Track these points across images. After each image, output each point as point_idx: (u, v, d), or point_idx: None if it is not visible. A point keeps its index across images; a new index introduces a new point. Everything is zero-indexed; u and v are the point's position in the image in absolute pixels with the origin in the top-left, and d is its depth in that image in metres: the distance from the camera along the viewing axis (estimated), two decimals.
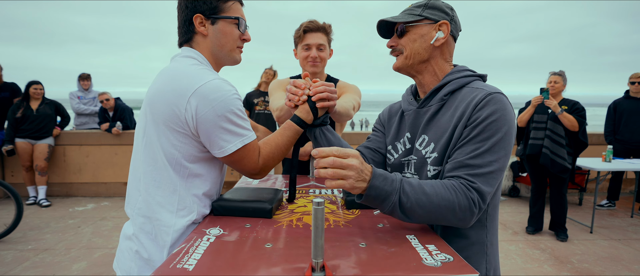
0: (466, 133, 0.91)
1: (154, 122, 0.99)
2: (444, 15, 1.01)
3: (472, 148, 0.89)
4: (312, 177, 1.74)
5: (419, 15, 1.00)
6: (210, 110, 0.94)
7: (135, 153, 1.07)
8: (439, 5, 1.02)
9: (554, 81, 3.48)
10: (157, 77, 1.03)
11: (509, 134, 0.90)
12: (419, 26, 1.00)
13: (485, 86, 0.96)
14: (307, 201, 1.26)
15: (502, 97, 0.92)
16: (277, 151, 1.09)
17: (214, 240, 0.87)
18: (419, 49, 1.01)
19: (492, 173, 0.88)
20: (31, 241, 3.36)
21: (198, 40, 1.08)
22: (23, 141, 4.45)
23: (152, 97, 0.99)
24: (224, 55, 1.10)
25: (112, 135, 4.87)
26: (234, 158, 1.02)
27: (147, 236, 1.01)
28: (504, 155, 0.90)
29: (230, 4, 1.07)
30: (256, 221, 1.02)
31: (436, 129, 0.99)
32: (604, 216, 4.33)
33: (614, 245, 3.42)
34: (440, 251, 0.82)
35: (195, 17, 1.04)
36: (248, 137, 1.02)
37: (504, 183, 5.15)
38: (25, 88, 4.51)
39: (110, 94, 4.92)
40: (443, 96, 1.00)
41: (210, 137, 0.97)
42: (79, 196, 4.99)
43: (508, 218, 4.21)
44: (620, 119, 4.41)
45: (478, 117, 0.90)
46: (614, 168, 3.67)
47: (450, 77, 1.01)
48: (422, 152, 1.02)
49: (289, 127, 1.12)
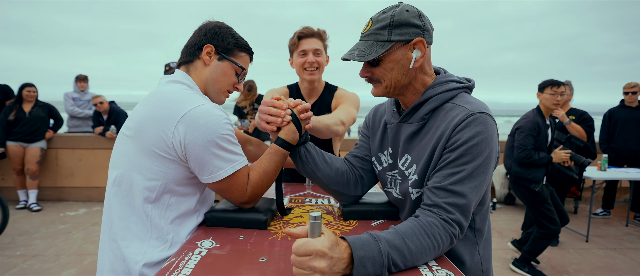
0: (446, 156, 0.87)
1: (138, 148, 0.94)
2: (416, 30, 0.88)
3: (451, 172, 0.85)
4: (308, 185, 1.71)
5: (388, 41, 0.88)
6: (199, 135, 0.91)
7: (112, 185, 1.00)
8: (405, 20, 0.88)
9: None
10: (145, 101, 0.99)
11: (489, 157, 0.86)
12: (392, 52, 0.89)
13: (468, 103, 0.90)
14: (303, 211, 1.23)
15: (484, 118, 0.86)
16: (265, 177, 1.05)
17: (205, 253, 0.84)
18: (398, 75, 0.91)
19: (469, 202, 0.85)
20: (20, 247, 3.28)
21: (197, 66, 1.07)
22: (15, 144, 4.37)
23: (138, 122, 0.96)
24: (213, 91, 1.09)
25: (105, 138, 4.81)
26: (222, 186, 0.98)
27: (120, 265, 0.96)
28: (484, 180, 0.86)
29: (243, 54, 1.12)
30: (250, 233, 0.99)
31: (418, 149, 0.95)
32: (599, 225, 4.33)
33: (610, 254, 3.42)
34: (441, 267, 0.79)
35: (207, 46, 1.06)
36: (239, 162, 0.99)
37: (499, 191, 5.15)
38: (18, 91, 4.44)
39: (104, 97, 4.86)
40: (424, 115, 0.94)
41: (199, 163, 0.94)
42: (70, 200, 4.90)
43: (504, 226, 4.19)
44: (614, 128, 4.44)
45: (458, 140, 0.85)
46: (609, 177, 3.68)
47: (431, 92, 0.94)
48: (405, 172, 0.99)
49: (275, 151, 1.07)
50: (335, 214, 1.20)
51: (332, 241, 0.70)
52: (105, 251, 0.99)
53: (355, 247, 0.72)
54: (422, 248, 0.78)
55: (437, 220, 0.82)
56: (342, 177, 1.11)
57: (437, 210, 0.84)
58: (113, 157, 1.03)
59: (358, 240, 0.74)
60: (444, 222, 0.82)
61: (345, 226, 1.07)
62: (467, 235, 0.97)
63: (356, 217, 1.13)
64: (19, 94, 4.43)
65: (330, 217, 1.16)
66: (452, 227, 0.83)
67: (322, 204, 1.34)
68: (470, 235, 0.97)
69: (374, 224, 1.09)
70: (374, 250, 0.73)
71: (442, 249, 0.82)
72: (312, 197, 1.47)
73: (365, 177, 1.16)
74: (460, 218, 0.84)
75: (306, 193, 1.53)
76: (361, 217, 1.12)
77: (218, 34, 1.07)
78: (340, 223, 1.10)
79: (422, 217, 0.83)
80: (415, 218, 0.84)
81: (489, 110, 0.89)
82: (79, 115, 5.17)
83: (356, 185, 1.14)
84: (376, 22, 0.90)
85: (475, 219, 0.98)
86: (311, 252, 0.68)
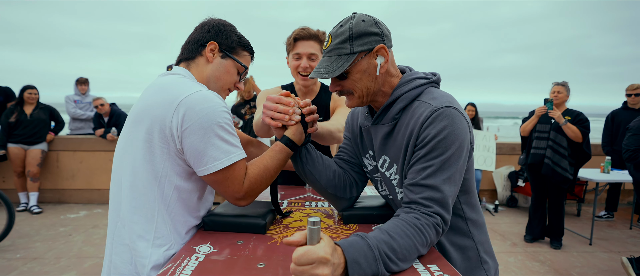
0: (416, 153, 0.89)
1: (139, 138, 0.93)
2: (375, 38, 0.90)
3: (422, 166, 0.87)
4: (307, 187, 1.69)
5: (351, 53, 0.89)
6: (196, 122, 0.88)
7: (117, 173, 1.00)
8: (364, 29, 0.90)
9: (557, 91, 3.47)
10: (144, 93, 0.98)
11: (460, 148, 0.87)
12: (357, 63, 0.91)
13: (434, 98, 0.91)
14: (303, 214, 1.22)
15: (450, 111, 0.87)
16: (266, 174, 1.00)
17: (203, 259, 0.82)
18: (367, 84, 0.93)
19: (445, 193, 0.86)
20: (20, 250, 3.28)
21: (199, 62, 1.05)
22: (16, 146, 4.38)
23: (137, 113, 0.94)
24: (215, 89, 1.07)
25: (106, 141, 4.80)
26: (217, 178, 0.93)
27: (125, 266, 0.95)
28: (456, 170, 0.88)
29: (246, 53, 1.11)
30: (249, 238, 0.98)
31: (394, 149, 0.97)
32: (602, 227, 4.30)
33: (613, 257, 3.38)
34: (443, 271, 0.78)
35: (211, 43, 1.04)
36: (237, 154, 0.94)
37: (501, 193, 5.12)
38: (19, 93, 4.45)
39: (105, 99, 4.87)
40: (394, 115, 0.96)
41: (195, 152, 0.90)
42: (71, 203, 4.90)
43: (506, 228, 4.17)
44: (617, 130, 4.41)
45: (426, 136, 0.87)
46: (613, 179, 3.65)
47: (399, 92, 0.95)
48: (386, 174, 1.01)
49: (280, 149, 1.03)
50: (335, 218, 1.18)
51: (331, 246, 0.69)
52: (111, 253, 0.97)
53: (345, 249, 0.72)
54: (410, 241, 0.79)
55: (417, 214, 0.84)
56: (339, 179, 1.11)
57: (415, 206, 0.86)
58: (116, 156, 1.01)
59: (346, 241, 0.75)
60: (424, 215, 0.84)
61: (345, 231, 1.05)
62: (459, 226, 1.00)
63: (356, 221, 1.11)
64: (20, 96, 4.44)
65: (330, 221, 1.14)
66: (434, 219, 0.84)
67: (322, 207, 1.32)
68: (462, 225, 1.00)
69: (374, 228, 1.07)
70: (364, 246, 0.74)
71: (429, 241, 0.83)
72: (312, 200, 1.45)
73: (357, 179, 1.17)
74: (440, 209, 0.85)
75: (306, 196, 1.51)
76: (361, 221, 1.11)
77: (222, 32, 1.05)
78: (341, 227, 1.09)
79: (402, 215, 0.85)
80: (396, 217, 0.86)
81: (455, 103, 0.90)
82: (81, 117, 5.18)
83: (351, 187, 1.15)
84: (336, 36, 0.91)
85: (463, 208, 1.00)
86: (314, 260, 0.66)
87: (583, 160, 3.45)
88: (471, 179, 1.00)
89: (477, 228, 1.03)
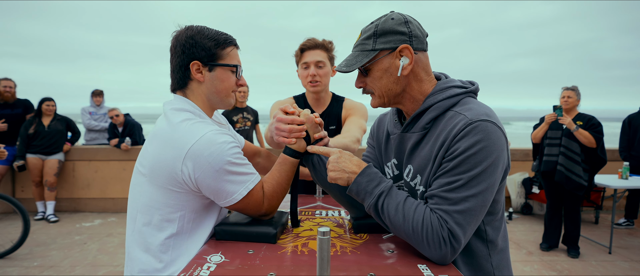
0: (444, 166, 0.85)
1: (154, 187, 0.98)
2: (401, 37, 0.88)
3: (447, 180, 0.83)
4: (318, 196, 1.69)
5: (373, 50, 0.88)
6: (206, 168, 0.92)
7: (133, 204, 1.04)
8: (390, 28, 0.88)
9: (567, 96, 3.41)
10: (152, 138, 1.00)
11: (493, 165, 0.81)
12: (378, 61, 0.89)
13: (470, 109, 0.86)
14: (313, 224, 1.22)
15: (486, 125, 0.81)
16: (279, 188, 1.06)
17: (214, 268, 0.83)
18: (387, 84, 0.91)
19: (466, 212, 0.81)
20: (37, 258, 3.35)
21: (193, 87, 1.04)
22: (34, 156, 4.50)
23: (150, 162, 0.98)
24: (219, 101, 1.08)
25: (121, 150, 4.91)
26: (238, 206, 1.00)
27: None
28: (486, 188, 0.82)
29: (228, 50, 1.04)
30: (260, 247, 0.98)
31: (420, 159, 0.93)
32: (622, 235, 4.16)
33: (635, 267, 3.27)
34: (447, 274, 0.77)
35: (193, 63, 1.00)
36: (252, 180, 1.00)
37: (516, 200, 5.01)
38: (38, 105, 4.59)
39: (119, 110, 4.99)
40: (425, 124, 0.92)
41: (213, 192, 0.96)
42: (86, 211, 5.00)
43: (521, 236, 4.07)
44: (635, 134, 4.29)
45: (456, 149, 0.82)
46: (631, 185, 3.55)
47: (431, 100, 0.91)
48: (411, 184, 0.97)
49: (283, 161, 1.08)
50: (345, 227, 1.18)
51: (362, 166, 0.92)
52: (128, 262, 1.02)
53: (364, 171, 0.91)
54: (412, 220, 0.84)
55: (435, 216, 0.84)
56: None
57: (434, 212, 0.85)
58: (131, 193, 1.04)
59: (371, 173, 0.91)
60: (439, 221, 0.83)
61: (356, 240, 1.05)
62: (479, 248, 0.93)
63: (367, 230, 1.11)
64: (38, 108, 4.58)
65: (340, 230, 1.14)
66: (442, 229, 0.81)
67: (332, 216, 1.32)
68: (482, 247, 0.93)
69: (385, 237, 1.07)
70: (377, 179, 0.90)
71: (428, 243, 0.82)
72: (323, 209, 1.45)
73: None
74: (454, 226, 0.81)
75: (317, 205, 1.51)
76: (372, 230, 1.10)
77: (195, 45, 0.99)
78: (351, 236, 1.08)
79: (425, 210, 0.86)
80: (413, 200, 0.89)
81: (493, 117, 0.84)
82: (96, 128, 5.31)
83: None
84: (364, 32, 0.92)
85: (486, 230, 0.93)
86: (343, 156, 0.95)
87: (598, 165, 3.35)
88: (500, 201, 0.94)
89: (497, 253, 0.95)
